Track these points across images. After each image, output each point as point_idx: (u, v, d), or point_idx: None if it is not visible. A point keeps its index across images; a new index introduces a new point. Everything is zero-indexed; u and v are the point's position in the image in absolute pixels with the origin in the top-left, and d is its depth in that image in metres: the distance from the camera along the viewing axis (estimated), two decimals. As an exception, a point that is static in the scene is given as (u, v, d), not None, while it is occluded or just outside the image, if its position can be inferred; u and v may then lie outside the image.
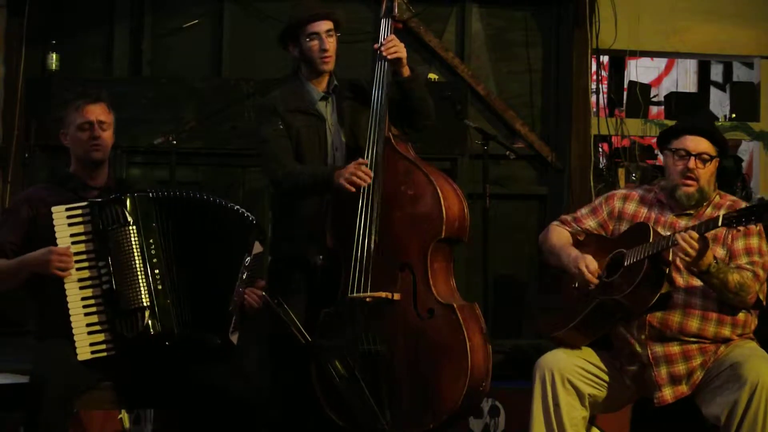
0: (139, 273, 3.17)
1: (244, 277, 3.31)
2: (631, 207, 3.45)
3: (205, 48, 5.61)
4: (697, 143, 3.29)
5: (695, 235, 3.03)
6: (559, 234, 3.53)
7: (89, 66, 5.57)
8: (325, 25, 3.70)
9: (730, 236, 3.25)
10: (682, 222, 3.31)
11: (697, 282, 3.21)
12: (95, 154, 3.37)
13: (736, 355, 3.17)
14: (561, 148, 5.67)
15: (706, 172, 3.29)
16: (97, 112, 3.37)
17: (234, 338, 3.31)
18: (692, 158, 3.27)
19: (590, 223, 3.50)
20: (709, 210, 3.32)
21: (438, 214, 3.55)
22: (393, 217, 3.60)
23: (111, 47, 5.55)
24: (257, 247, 3.38)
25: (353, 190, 3.49)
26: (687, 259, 3.05)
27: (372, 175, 3.53)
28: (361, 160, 3.55)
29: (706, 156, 3.28)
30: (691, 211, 3.33)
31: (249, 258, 3.33)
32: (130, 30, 5.56)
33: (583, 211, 3.56)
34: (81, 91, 3.43)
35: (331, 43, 3.72)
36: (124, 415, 4.01)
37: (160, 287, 3.19)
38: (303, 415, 3.70)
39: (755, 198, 5.95)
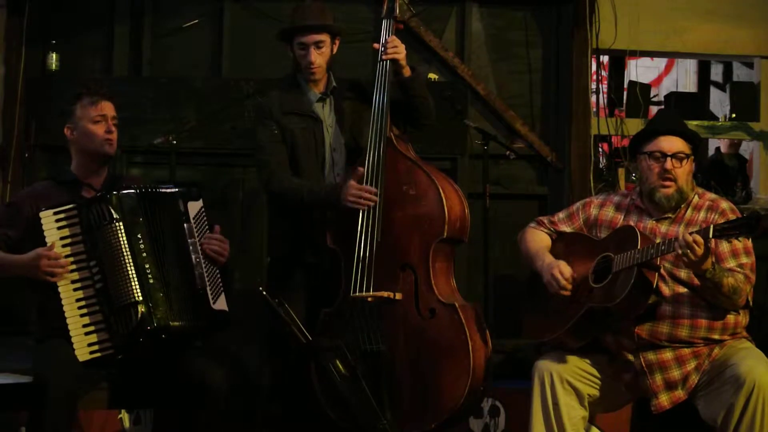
0: (129, 269, 3.18)
1: (195, 245, 3.31)
2: (608, 213, 3.42)
3: (205, 48, 5.60)
4: (672, 143, 3.28)
5: (700, 239, 2.97)
6: (536, 237, 3.51)
7: (89, 66, 5.56)
8: (314, 38, 3.67)
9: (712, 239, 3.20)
10: (663, 227, 3.29)
11: (683, 290, 3.19)
12: (108, 149, 3.38)
13: (732, 356, 3.15)
14: (561, 148, 5.66)
15: (683, 171, 3.27)
16: (111, 109, 3.41)
17: (219, 304, 3.30)
18: (668, 159, 3.26)
19: (566, 229, 3.49)
20: (688, 212, 3.30)
21: (440, 215, 3.55)
22: (395, 217, 3.60)
23: (111, 47, 5.53)
24: (193, 207, 3.37)
25: (363, 207, 3.53)
26: (692, 257, 2.97)
27: (378, 192, 3.55)
28: (360, 169, 3.56)
29: (681, 155, 3.27)
30: (670, 215, 3.30)
31: (188, 224, 3.33)
32: (130, 30, 5.54)
33: (561, 215, 3.54)
34: (89, 86, 3.42)
35: (319, 55, 3.69)
36: (124, 415, 4.01)
37: (151, 281, 3.20)
38: (303, 414, 3.70)
39: (755, 197, 5.94)
